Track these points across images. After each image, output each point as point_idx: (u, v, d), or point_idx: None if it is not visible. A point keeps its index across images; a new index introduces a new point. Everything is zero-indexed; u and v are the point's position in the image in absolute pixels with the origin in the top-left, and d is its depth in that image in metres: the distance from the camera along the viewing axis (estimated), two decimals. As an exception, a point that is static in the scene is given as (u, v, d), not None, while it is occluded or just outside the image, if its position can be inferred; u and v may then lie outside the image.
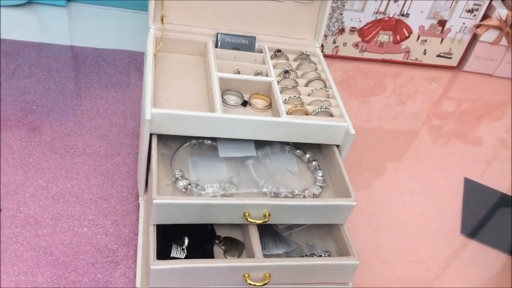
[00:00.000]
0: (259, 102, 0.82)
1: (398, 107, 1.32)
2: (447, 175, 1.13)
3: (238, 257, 0.75)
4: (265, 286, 0.69)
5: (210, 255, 0.74)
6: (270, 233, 0.77)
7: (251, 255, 0.71)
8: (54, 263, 0.74)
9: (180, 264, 0.66)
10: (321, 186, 0.77)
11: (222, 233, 0.78)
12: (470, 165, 1.18)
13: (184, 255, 0.71)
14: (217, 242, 0.76)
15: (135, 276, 0.75)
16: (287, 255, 0.76)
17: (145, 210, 0.80)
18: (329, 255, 0.77)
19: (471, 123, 1.33)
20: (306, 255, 0.76)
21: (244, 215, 0.69)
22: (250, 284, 0.69)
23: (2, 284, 0.70)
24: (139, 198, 0.84)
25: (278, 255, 0.75)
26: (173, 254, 0.71)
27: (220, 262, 0.68)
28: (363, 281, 0.84)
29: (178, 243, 0.72)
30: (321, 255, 0.76)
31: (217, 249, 0.76)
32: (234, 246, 0.76)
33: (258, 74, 0.85)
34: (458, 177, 1.13)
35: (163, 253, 0.70)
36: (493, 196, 1.09)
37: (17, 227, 0.78)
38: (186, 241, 0.72)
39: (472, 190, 1.09)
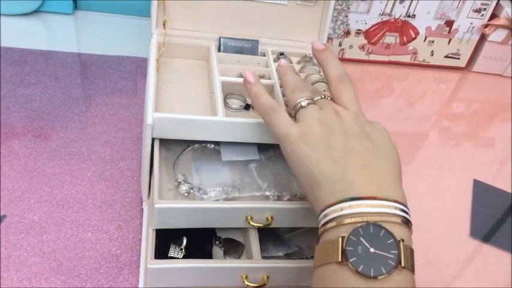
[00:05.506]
0: (261, 105, 0.81)
1: (407, 109, 1.31)
2: (456, 177, 1.11)
3: (238, 258, 0.74)
4: None
5: (208, 255, 0.74)
6: (270, 234, 0.77)
7: (250, 257, 0.71)
8: (58, 269, 0.74)
9: (177, 263, 0.66)
10: (324, 189, 0.76)
11: (222, 234, 0.78)
12: (481, 166, 1.16)
13: (182, 255, 0.71)
14: (217, 243, 0.76)
15: (138, 282, 0.74)
16: (287, 257, 0.76)
17: (149, 215, 0.80)
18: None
19: (481, 125, 1.31)
20: (307, 258, 0.76)
21: (247, 219, 0.69)
22: (248, 285, 0.68)
23: (6, 290, 0.71)
24: (143, 203, 0.84)
25: (278, 257, 0.75)
26: (171, 253, 0.71)
27: (218, 262, 0.68)
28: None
29: (177, 243, 0.72)
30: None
31: (217, 250, 0.76)
32: (234, 248, 0.75)
33: (261, 77, 0.85)
34: (467, 179, 1.11)
35: (162, 254, 0.70)
36: (504, 198, 1.07)
37: (22, 232, 0.78)
38: (185, 241, 0.72)
39: (482, 192, 1.07)
